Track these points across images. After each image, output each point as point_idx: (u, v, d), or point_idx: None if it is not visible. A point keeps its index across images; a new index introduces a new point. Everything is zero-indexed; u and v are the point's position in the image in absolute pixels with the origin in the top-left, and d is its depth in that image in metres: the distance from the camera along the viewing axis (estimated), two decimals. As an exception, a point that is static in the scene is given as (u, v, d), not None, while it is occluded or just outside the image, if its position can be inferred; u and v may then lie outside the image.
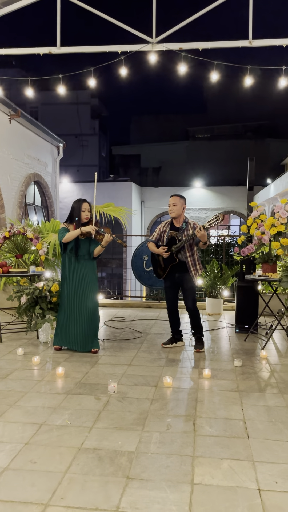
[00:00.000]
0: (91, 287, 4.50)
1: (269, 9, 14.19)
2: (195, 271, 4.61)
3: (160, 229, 4.81)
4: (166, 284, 4.83)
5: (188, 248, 4.57)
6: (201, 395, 3.43)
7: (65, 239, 4.38)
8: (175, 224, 4.71)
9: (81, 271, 4.47)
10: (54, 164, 14.32)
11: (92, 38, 10.14)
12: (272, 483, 2.24)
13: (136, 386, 3.60)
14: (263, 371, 4.05)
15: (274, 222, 4.81)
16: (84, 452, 2.54)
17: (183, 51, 6.84)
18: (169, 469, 2.37)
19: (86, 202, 4.50)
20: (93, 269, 4.57)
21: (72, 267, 4.47)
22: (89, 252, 4.49)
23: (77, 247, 4.43)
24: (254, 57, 7.90)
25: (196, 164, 27.00)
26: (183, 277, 4.63)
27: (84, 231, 4.35)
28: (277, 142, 27.62)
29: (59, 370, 3.84)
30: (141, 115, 33.49)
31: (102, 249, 4.46)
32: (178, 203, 4.65)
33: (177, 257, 4.58)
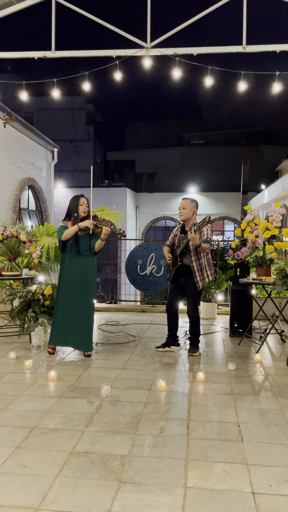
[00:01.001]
0: (90, 284, 4.43)
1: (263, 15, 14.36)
2: (200, 277, 4.49)
3: (173, 233, 4.80)
4: (171, 287, 4.80)
5: (194, 252, 4.47)
6: (195, 398, 3.40)
7: (64, 236, 4.32)
8: (186, 228, 4.69)
9: (82, 267, 4.40)
10: (48, 169, 14.30)
11: (86, 42, 10.18)
12: (266, 486, 2.22)
13: (129, 390, 3.56)
14: (257, 374, 4.03)
15: (268, 225, 4.81)
16: (76, 455, 2.50)
17: (177, 56, 6.88)
18: (162, 472, 2.33)
19: (84, 197, 4.48)
20: (93, 265, 4.51)
21: (72, 263, 4.39)
22: (90, 247, 4.43)
23: (77, 243, 4.37)
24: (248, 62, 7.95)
25: (190, 170, 27.12)
26: (187, 282, 4.57)
27: (82, 226, 4.31)
28: (271, 149, 27.83)
29: (51, 374, 3.80)
30: (136, 121, 33.63)
31: (102, 243, 4.41)
32: (187, 206, 4.62)
33: (182, 261, 4.54)
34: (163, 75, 7.30)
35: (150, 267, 7.18)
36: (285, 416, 3.07)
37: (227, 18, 8.93)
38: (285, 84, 7.19)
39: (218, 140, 30.42)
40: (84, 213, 4.42)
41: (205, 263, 4.53)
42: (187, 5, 9.04)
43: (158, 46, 7.00)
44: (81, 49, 7.18)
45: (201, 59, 6.92)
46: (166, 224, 23.56)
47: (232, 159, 25.22)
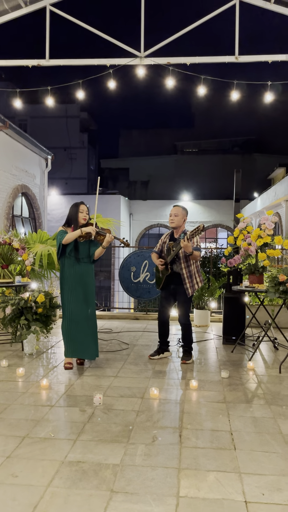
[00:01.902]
0: (91, 291, 4.39)
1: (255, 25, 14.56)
2: (190, 284, 4.52)
3: (162, 240, 4.82)
4: (162, 294, 4.81)
5: (184, 259, 4.50)
6: (187, 406, 3.39)
7: (66, 240, 4.23)
8: (175, 235, 4.70)
9: (82, 274, 4.33)
10: (42, 176, 14.31)
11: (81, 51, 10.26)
12: (258, 495, 2.21)
13: (122, 398, 3.54)
14: (250, 382, 4.03)
15: (261, 233, 4.84)
16: (68, 465, 2.48)
17: (171, 65, 6.94)
18: (155, 481, 2.32)
19: (84, 204, 4.43)
20: (92, 273, 4.47)
21: (72, 271, 4.32)
22: (89, 255, 4.38)
23: (77, 249, 4.31)
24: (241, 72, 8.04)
25: (184, 178, 27.27)
26: (177, 290, 4.59)
27: (85, 232, 4.25)
28: (264, 157, 28.07)
29: (43, 382, 3.77)
30: (130, 129, 33.81)
31: (103, 251, 4.36)
32: (179, 214, 4.65)
33: (172, 268, 4.55)
34: (157, 84, 7.36)
35: (144, 275, 7.18)
36: (277, 424, 3.07)
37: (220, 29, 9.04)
38: (277, 94, 7.28)
39: (211, 149, 30.65)
40: (84, 220, 4.36)
41: (194, 270, 4.57)
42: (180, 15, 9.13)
43: (152, 56, 7.07)
44: (75, 58, 7.22)
45: (194, 69, 7.00)
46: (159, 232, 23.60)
47: (225, 167, 25.41)
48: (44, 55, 7.15)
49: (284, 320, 5.88)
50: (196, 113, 33.51)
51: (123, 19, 24.24)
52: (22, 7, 7.18)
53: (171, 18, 21.16)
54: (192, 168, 28.03)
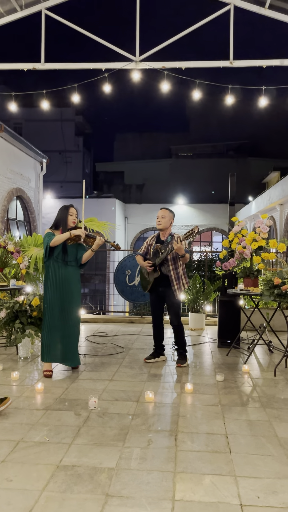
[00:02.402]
0: (76, 297, 4.33)
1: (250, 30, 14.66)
2: (178, 285, 4.57)
3: (147, 243, 4.82)
4: (151, 297, 4.81)
5: (172, 261, 4.55)
6: (183, 409, 3.39)
7: (53, 242, 4.15)
8: (161, 238, 4.72)
9: (68, 278, 4.26)
10: (37, 179, 14.29)
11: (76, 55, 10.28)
12: (254, 498, 2.21)
13: (117, 401, 3.53)
14: (245, 385, 4.03)
15: (255, 236, 4.86)
16: (63, 469, 2.47)
17: (166, 69, 6.98)
18: (150, 485, 2.31)
19: (73, 208, 4.37)
20: (78, 277, 4.40)
21: (57, 274, 4.23)
22: (77, 258, 4.31)
23: (65, 252, 4.23)
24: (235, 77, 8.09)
25: (179, 182, 27.35)
26: (166, 292, 4.61)
27: (74, 234, 4.18)
28: (258, 161, 28.22)
29: (38, 386, 3.76)
30: (125, 133, 33.89)
31: (91, 254, 4.30)
32: (166, 216, 4.67)
33: (160, 270, 4.57)
34: (152, 88, 7.40)
35: (139, 278, 7.18)
36: (273, 427, 3.07)
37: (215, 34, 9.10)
38: (271, 98, 7.33)
39: (206, 153, 30.78)
40: (73, 223, 4.32)
41: (181, 272, 4.61)
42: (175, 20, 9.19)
43: (147, 60, 7.10)
44: (70, 62, 7.24)
45: (189, 73, 7.04)
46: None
47: (219, 171, 25.51)
48: (40, 59, 7.16)
49: (278, 323, 5.90)
50: (191, 117, 33.67)
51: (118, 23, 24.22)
52: (18, 11, 7.20)
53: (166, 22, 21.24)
54: (187, 172, 28.13)
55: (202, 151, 31.11)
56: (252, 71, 7.18)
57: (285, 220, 14.88)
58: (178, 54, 7.37)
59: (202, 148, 31.46)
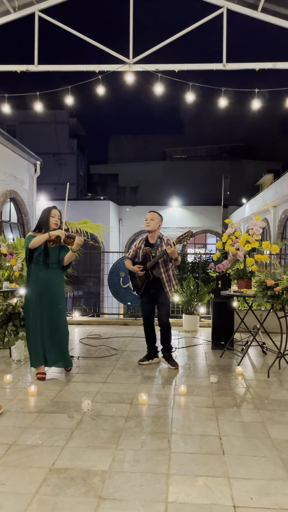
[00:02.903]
0: (60, 299, 4.26)
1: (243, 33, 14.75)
2: (169, 287, 4.59)
3: (135, 246, 4.80)
4: (143, 299, 4.81)
5: (163, 264, 4.56)
6: (176, 411, 3.38)
7: (32, 244, 4.03)
8: (150, 241, 4.72)
9: (51, 281, 4.18)
10: (31, 182, 14.26)
11: (70, 57, 10.28)
12: (247, 499, 2.21)
13: (110, 404, 3.52)
14: (239, 387, 4.04)
15: (249, 238, 4.87)
16: (55, 472, 2.45)
17: (159, 72, 6.99)
18: (143, 488, 2.30)
19: (56, 209, 4.30)
20: (61, 279, 4.33)
21: (39, 277, 4.15)
22: (59, 260, 4.25)
23: (46, 254, 4.15)
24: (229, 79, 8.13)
25: (173, 184, 27.38)
26: (158, 293, 4.62)
27: (53, 235, 4.10)
28: (252, 163, 28.34)
29: (31, 388, 3.74)
30: (119, 135, 33.90)
31: (73, 255, 4.21)
32: (155, 219, 4.68)
33: (152, 274, 4.57)
34: (146, 90, 7.41)
35: (133, 280, 7.16)
36: (266, 428, 3.08)
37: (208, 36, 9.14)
38: (264, 101, 7.37)
39: (200, 155, 30.87)
40: (56, 225, 4.22)
41: (171, 273, 4.64)
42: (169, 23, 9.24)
43: (141, 62, 7.11)
44: (64, 64, 7.24)
45: (183, 76, 7.06)
46: (149, 237, 23.61)
47: (213, 173, 25.56)
48: (33, 61, 7.15)
49: (272, 325, 5.91)
50: (185, 120, 33.76)
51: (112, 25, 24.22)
52: (11, 13, 7.19)
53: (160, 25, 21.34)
54: (181, 174, 28.18)
55: (196, 154, 31.20)
56: (246, 74, 7.22)
57: (278, 222, 14.95)
58: (172, 56, 7.39)
59: (196, 151, 31.55)
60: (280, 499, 2.21)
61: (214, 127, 30.94)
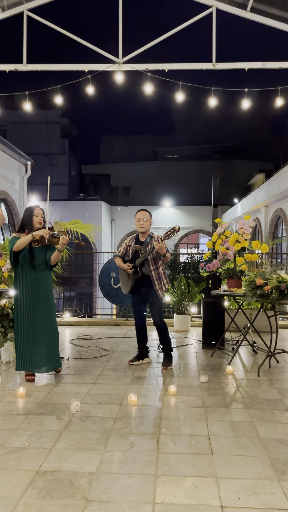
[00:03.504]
0: (49, 300, 4.21)
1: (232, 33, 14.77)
2: (159, 285, 4.57)
3: (126, 244, 4.78)
4: (133, 299, 4.78)
5: (152, 261, 4.54)
6: (166, 412, 3.37)
7: (16, 246, 3.95)
8: (140, 238, 4.70)
9: (38, 282, 4.13)
10: (22, 182, 14.18)
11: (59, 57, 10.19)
12: (235, 499, 2.20)
13: (100, 405, 3.50)
14: (229, 386, 4.03)
15: (238, 238, 4.88)
16: (42, 474, 2.43)
17: (149, 71, 6.98)
18: (131, 489, 2.29)
19: (39, 208, 4.22)
20: (50, 279, 4.28)
21: (25, 279, 4.10)
22: (46, 260, 4.18)
23: (31, 255, 4.07)
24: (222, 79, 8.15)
25: (165, 184, 27.40)
26: (149, 292, 4.60)
27: (36, 236, 4.02)
28: (243, 163, 28.45)
29: (20, 390, 3.70)
30: (111, 135, 33.88)
31: (59, 255, 4.15)
32: (148, 219, 4.65)
33: (141, 271, 4.56)
34: (137, 90, 7.38)
35: (124, 280, 7.14)
36: (255, 427, 3.07)
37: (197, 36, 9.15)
38: (255, 101, 7.38)
39: (192, 155, 30.93)
40: (40, 224, 4.16)
41: (161, 272, 4.62)
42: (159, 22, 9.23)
43: (130, 62, 7.10)
44: (53, 63, 7.20)
45: (174, 75, 7.04)
46: (141, 238, 23.59)
47: (205, 173, 25.56)
48: (22, 60, 7.10)
49: (262, 324, 5.92)
50: (177, 120, 33.83)
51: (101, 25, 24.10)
52: (0, 12, 7.14)
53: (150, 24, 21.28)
54: (173, 174, 28.21)
55: (188, 154, 31.26)
56: (235, 73, 7.22)
57: (270, 222, 15.01)
58: (162, 56, 7.38)
59: (188, 151, 31.61)
60: (268, 498, 2.20)
61: (205, 127, 31.03)
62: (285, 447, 2.77)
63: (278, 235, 14.62)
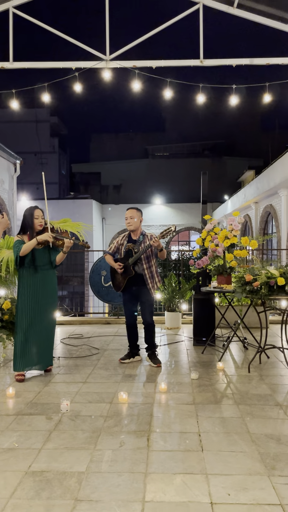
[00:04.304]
0: (52, 299, 4.26)
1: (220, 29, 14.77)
2: (152, 284, 4.57)
3: (118, 242, 4.76)
4: (125, 297, 4.77)
5: (145, 260, 4.53)
6: (156, 409, 3.36)
7: (22, 252, 4.03)
8: (133, 237, 4.68)
9: (42, 282, 4.18)
10: (11, 181, 14.07)
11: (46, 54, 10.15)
12: (225, 495, 2.20)
13: (90, 404, 3.48)
14: (220, 382, 4.04)
15: (227, 234, 4.88)
16: (31, 475, 2.41)
17: (136, 68, 6.95)
18: (120, 488, 2.27)
19: (38, 209, 4.23)
20: (54, 279, 4.32)
21: (30, 280, 4.14)
22: (50, 261, 4.22)
23: (34, 258, 4.12)
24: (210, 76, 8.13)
25: (155, 182, 27.40)
26: (141, 290, 4.59)
27: (41, 240, 4.06)
28: (233, 160, 28.53)
29: (9, 391, 3.67)
30: (101, 133, 33.79)
31: (64, 256, 4.22)
32: (135, 216, 4.64)
33: (134, 270, 4.54)
34: (126, 88, 7.35)
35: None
36: (245, 423, 3.08)
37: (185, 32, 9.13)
38: (244, 98, 7.39)
39: (182, 152, 30.96)
40: (40, 227, 4.18)
41: (154, 270, 4.61)
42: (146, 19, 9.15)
43: (118, 59, 7.06)
44: (40, 61, 7.14)
45: (162, 73, 7.02)
46: (132, 236, 23.57)
47: (196, 170, 25.57)
48: (8, 58, 7.03)
49: (253, 320, 5.94)
50: (166, 117, 33.82)
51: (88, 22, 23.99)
52: (-15, 9, 7.06)
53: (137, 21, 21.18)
54: (163, 172, 28.22)
55: (178, 151, 31.28)
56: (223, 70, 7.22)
57: (260, 218, 15.06)
58: (150, 53, 7.35)
59: (178, 148, 31.63)
60: (257, 494, 2.21)
61: (195, 125, 31.08)
62: (275, 442, 2.77)
63: (269, 231, 14.68)
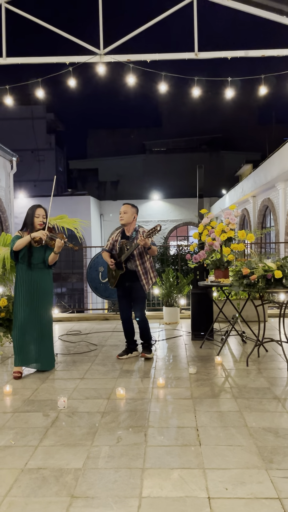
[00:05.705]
0: (47, 298, 4.24)
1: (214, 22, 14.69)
2: (146, 280, 4.55)
3: (112, 238, 4.75)
4: (119, 293, 4.75)
5: (138, 256, 4.51)
6: (154, 404, 3.35)
7: (16, 246, 4.08)
8: (126, 233, 4.66)
9: (36, 280, 4.18)
10: (7, 179, 14.01)
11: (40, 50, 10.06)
12: (222, 490, 2.18)
13: (87, 400, 3.47)
14: (218, 376, 4.02)
15: (224, 228, 4.85)
16: (28, 472, 2.39)
17: (131, 62, 6.89)
18: (117, 484, 2.26)
19: (41, 208, 4.25)
20: (49, 278, 4.31)
21: (25, 277, 4.16)
22: (44, 260, 4.23)
23: (30, 255, 4.15)
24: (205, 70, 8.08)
25: (153, 177, 27.33)
26: (133, 286, 4.57)
27: (36, 237, 4.07)
28: (231, 154, 28.45)
29: (7, 388, 3.65)
30: (98, 129, 33.66)
31: (56, 256, 4.20)
32: (128, 211, 4.62)
33: (126, 266, 4.52)
34: (121, 82, 7.29)
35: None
36: (243, 417, 3.06)
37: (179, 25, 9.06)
38: (241, 91, 7.33)
39: (180, 147, 30.86)
40: (40, 226, 4.20)
41: (148, 266, 4.59)
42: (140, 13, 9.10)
43: (112, 53, 7.00)
44: (33, 56, 7.07)
45: (157, 66, 6.96)
46: (131, 231, 23.53)
47: (193, 165, 25.49)
48: (1, 54, 6.97)
49: (251, 314, 5.92)
50: (163, 112, 33.68)
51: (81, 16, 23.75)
52: (-23, 5, 6.98)
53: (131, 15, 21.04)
54: (161, 167, 28.15)
55: (176, 146, 31.18)
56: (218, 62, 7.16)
57: (258, 212, 15.03)
58: (144, 47, 7.28)
59: (175, 143, 31.52)
60: (255, 487, 2.19)
61: (192, 119, 30.97)
62: (273, 435, 2.76)
63: (267, 225, 14.66)
